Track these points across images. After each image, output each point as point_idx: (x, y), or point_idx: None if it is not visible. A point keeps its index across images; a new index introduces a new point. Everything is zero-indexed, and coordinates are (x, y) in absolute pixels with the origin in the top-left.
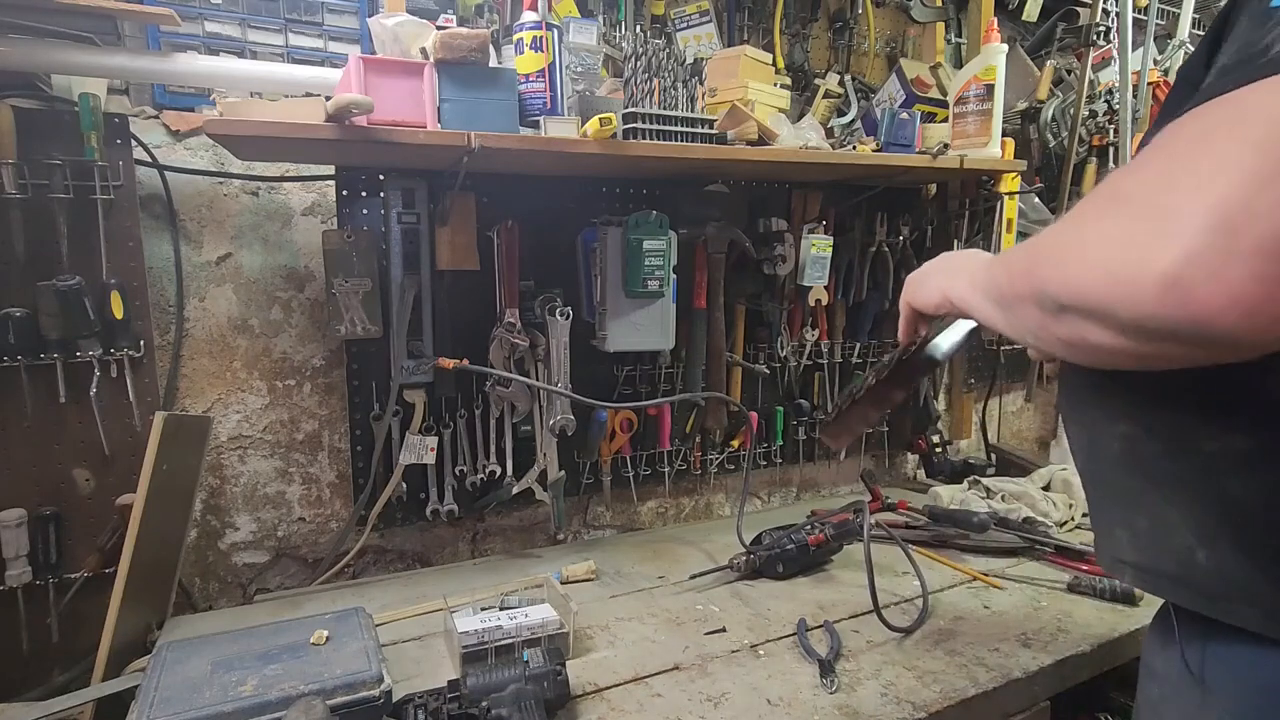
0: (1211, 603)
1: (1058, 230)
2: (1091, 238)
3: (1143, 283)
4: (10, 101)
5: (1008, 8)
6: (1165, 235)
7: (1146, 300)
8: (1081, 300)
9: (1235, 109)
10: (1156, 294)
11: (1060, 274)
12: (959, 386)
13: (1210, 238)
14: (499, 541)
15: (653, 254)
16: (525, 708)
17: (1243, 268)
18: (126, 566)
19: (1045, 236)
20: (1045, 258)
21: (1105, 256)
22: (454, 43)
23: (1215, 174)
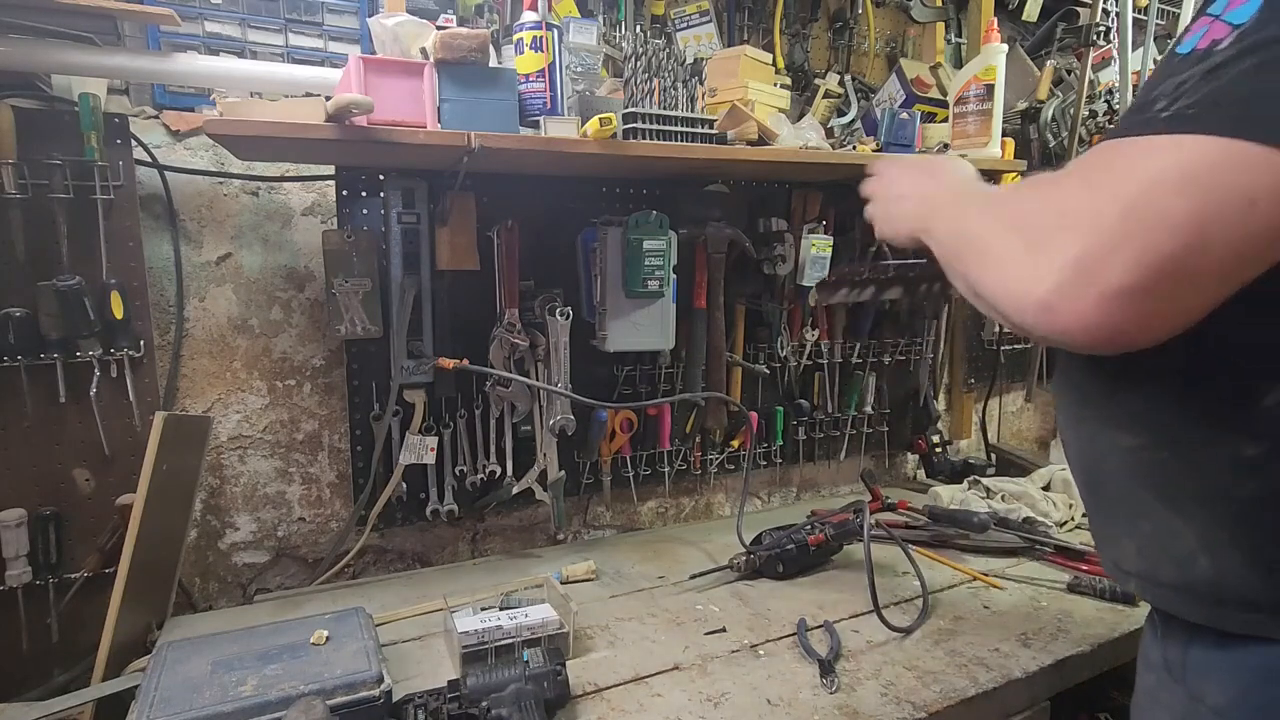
0: (1210, 609)
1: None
2: (995, 256)
3: (1026, 304)
4: (10, 101)
5: (1008, 8)
6: (1043, 271)
7: (1027, 316)
8: (987, 299)
9: (1119, 165)
10: (1034, 313)
11: (975, 274)
12: (959, 386)
13: (1073, 281)
14: (499, 541)
15: (653, 254)
16: (525, 708)
17: (1092, 306)
18: (126, 566)
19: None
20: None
21: (1003, 276)
22: (454, 43)
23: (1087, 227)
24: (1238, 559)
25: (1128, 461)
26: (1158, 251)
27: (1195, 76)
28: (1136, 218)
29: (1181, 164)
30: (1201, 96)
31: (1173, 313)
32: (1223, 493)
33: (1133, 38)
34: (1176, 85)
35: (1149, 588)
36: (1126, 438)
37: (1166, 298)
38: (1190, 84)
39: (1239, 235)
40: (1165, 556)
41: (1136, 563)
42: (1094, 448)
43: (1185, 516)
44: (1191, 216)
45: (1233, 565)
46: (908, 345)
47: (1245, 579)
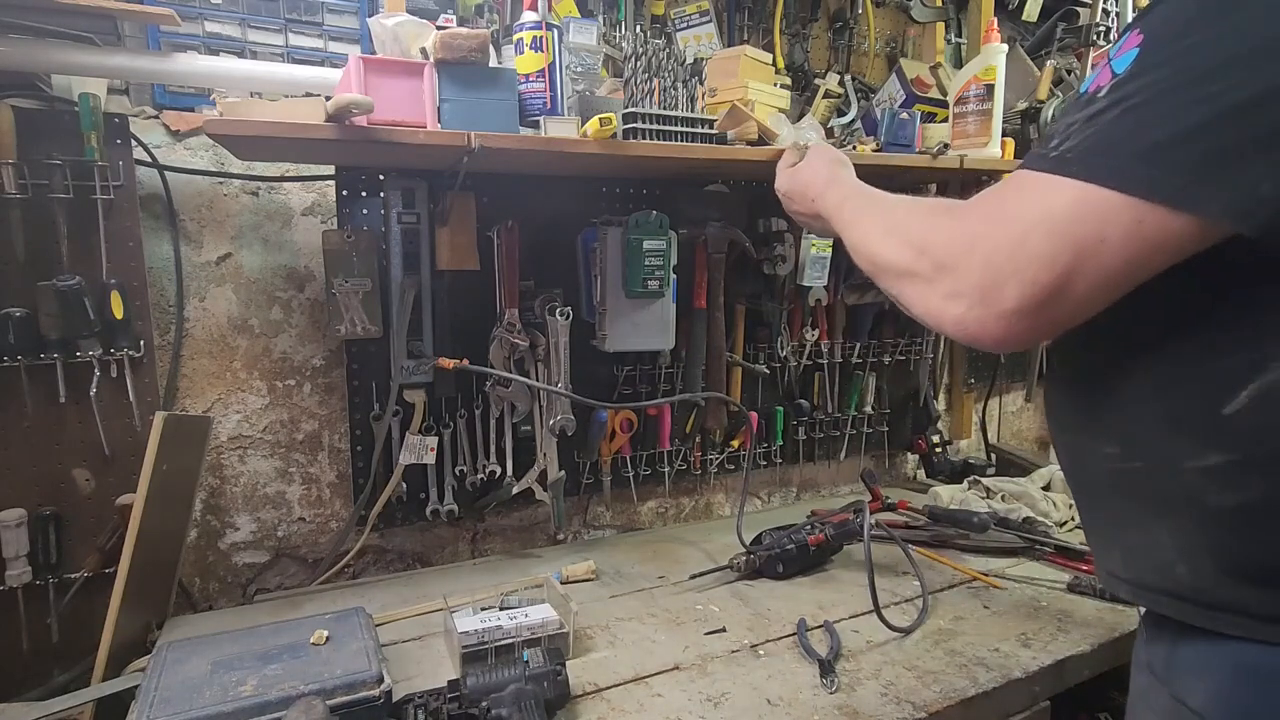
0: (1194, 611)
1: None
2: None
3: (944, 321)
4: (10, 101)
5: (1008, 8)
6: (954, 295)
7: (946, 329)
8: (909, 309)
9: (1014, 204)
10: (952, 327)
11: (892, 289)
12: (959, 386)
13: (979, 303)
14: (499, 541)
15: (653, 254)
16: (525, 708)
17: (993, 322)
18: (126, 566)
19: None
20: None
21: (919, 296)
22: (454, 43)
23: (989, 257)
24: (1213, 566)
25: (1109, 470)
26: (1035, 283)
27: (1080, 120)
28: (1022, 254)
29: (1056, 208)
30: (1078, 142)
31: (1055, 322)
32: (1194, 502)
33: None
34: (1067, 126)
35: (1138, 592)
36: (1107, 447)
37: (1048, 314)
38: (1075, 127)
39: (1095, 268)
40: (1149, 564)
41: (1125, 569)
42: (1080, 457)
43: (1162, 525)
44: (1058, 255)
45: (1210, 572)
46: (908, 345)
47: (1223, 584)
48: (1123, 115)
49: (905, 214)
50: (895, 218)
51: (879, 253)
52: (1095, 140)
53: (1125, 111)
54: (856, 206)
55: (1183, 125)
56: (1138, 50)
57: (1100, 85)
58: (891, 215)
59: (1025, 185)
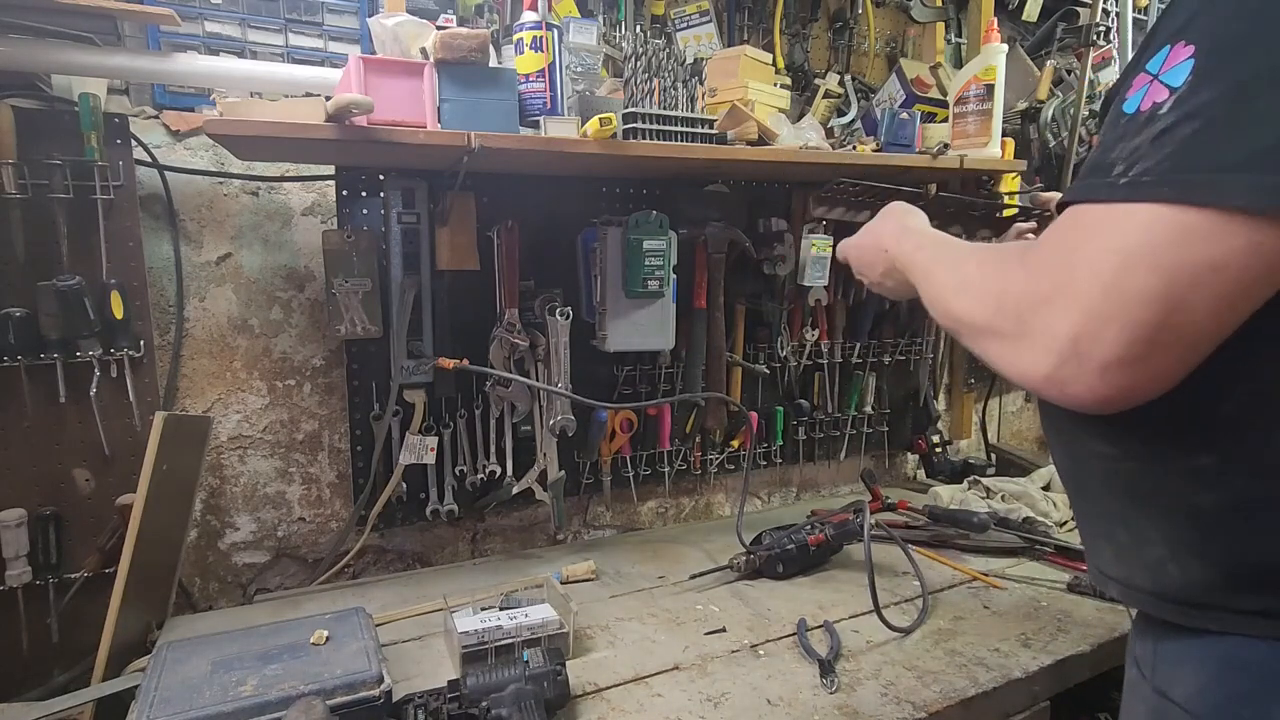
0: (1182, 611)
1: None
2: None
3: (1033, 379)
4: (10, 101)
5: (1008, 8)
6: (1041, 351)
7: (1036, 387)
8: (994, 366)
9: (1091, 241)
10: (1042, 385)
11: (975, 348)
12: (959, 386)
13: (1072, 358)
14: (499, 541)
15: (653, 254)
16: (525, 708)
17: (1094, 378)
18: (126, 566)
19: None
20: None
21: (1006, 353)
22: (454, 43)
23: (1077, 305)
24: (1201, 566)
25: (1103, 470)
26: (1140, 325)
27: (1145, 141)
28: (1117, 297)
29: (1149, 240)
30: (1155, 164)
31: (1165, 372)
32: (1184, 502)
33: (1133, 38)
34: (1131, 150)
35: (1127, 592)
36: (1101, 446)
37: (1156, 361)
38: (1143, 149)
39: (1211, 299)
40: (1139, 563)
41: (1115, 568)
42: (1074, 456)
43: (1153, 525)
44: (1165, 291)
45: (1198, 572)
46: (908, 345)
47: (1211, 584)
48: (1208, 128)
49: (978, 264)
50: (968, 269)
51: (955, 308)
52: (1181, 158)
53: (1209, 124)
54: (931, 256)
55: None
56: (1193, 61)
57: (1157, 102)
58: (965, 266)
59: (1101, 219)
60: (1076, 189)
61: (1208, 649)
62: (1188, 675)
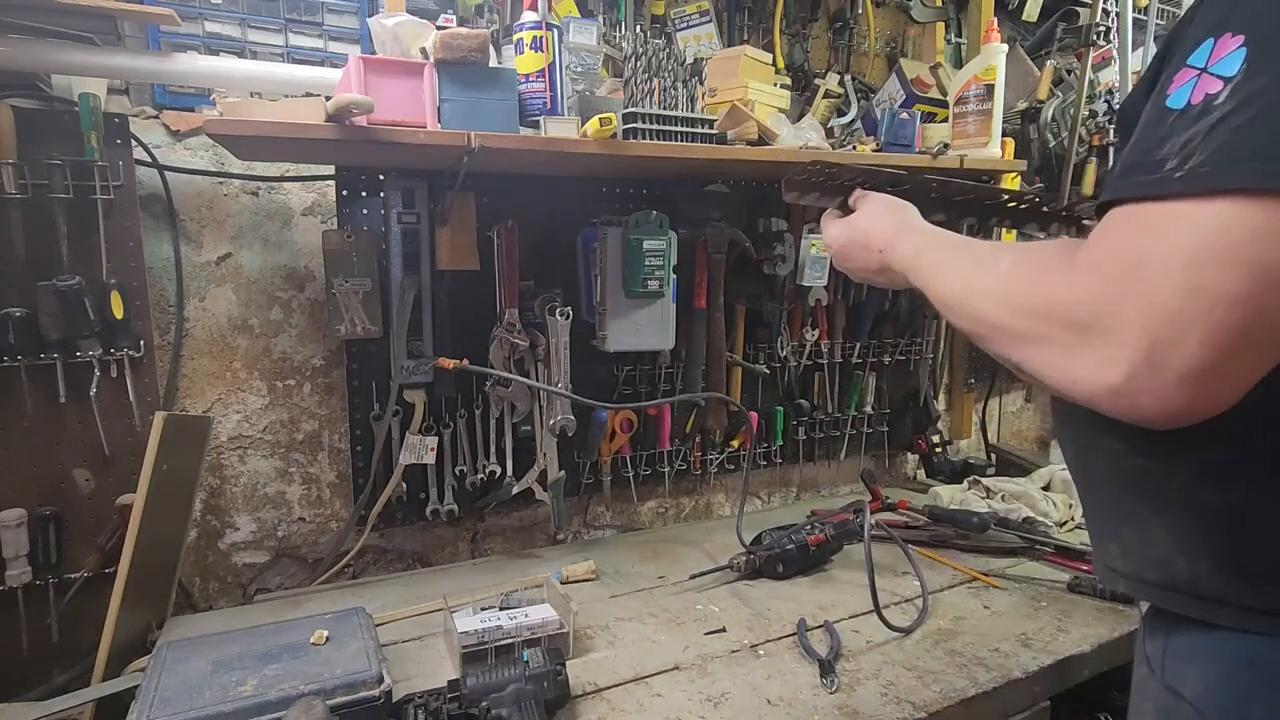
0: (1192, 604)
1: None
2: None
3: (1096, 390)
4: (10, 101)
5: (1008, 8)
6: (1110, 359)
7: (1100, 400)
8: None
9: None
10: (1108, 398)
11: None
12: (959, 386)
13: (1147, 368)
14: (499, 541)
15: (653, 254)
16: (525, 708)
17: (1173, 389)
18: (126, 566)
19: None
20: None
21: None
22: (454, 43)
23: (1151, 308)
24: (1212, 561)
25: (1111, 466)
26: (1225, 329)
27: (1200, 133)
28: (1197, 298)
29: (1222, 233)
30: (1212, 153)
31: (1245, 378)
32: (1193, 499)
33: (1133, 38)
34: (1183, 144)
35: (1137, 585)
36: (1110, 443)
37: (1239, 367)
38: (1197, 141)
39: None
40: (1148, 558)
41: (1124, 563)
42: (1084, 452)
43: (1162, 521)
44: (1249, 286)
45: (1207, 568)
46: (908, 345)
47: (1221, 580)
48: (1266, 113)
49: (1014, 266)
50: (1000, 270)
51: (987, 313)
52: (1239, 147)
53: (1268, 108)
54: (939, 258)
55: None
56: (1245, 50)
57: (1210, 93)
58: (994, 267)
59: (1163, 216)
60: (1121, 187)
61: (1218, 646)
62: (1198, 672)
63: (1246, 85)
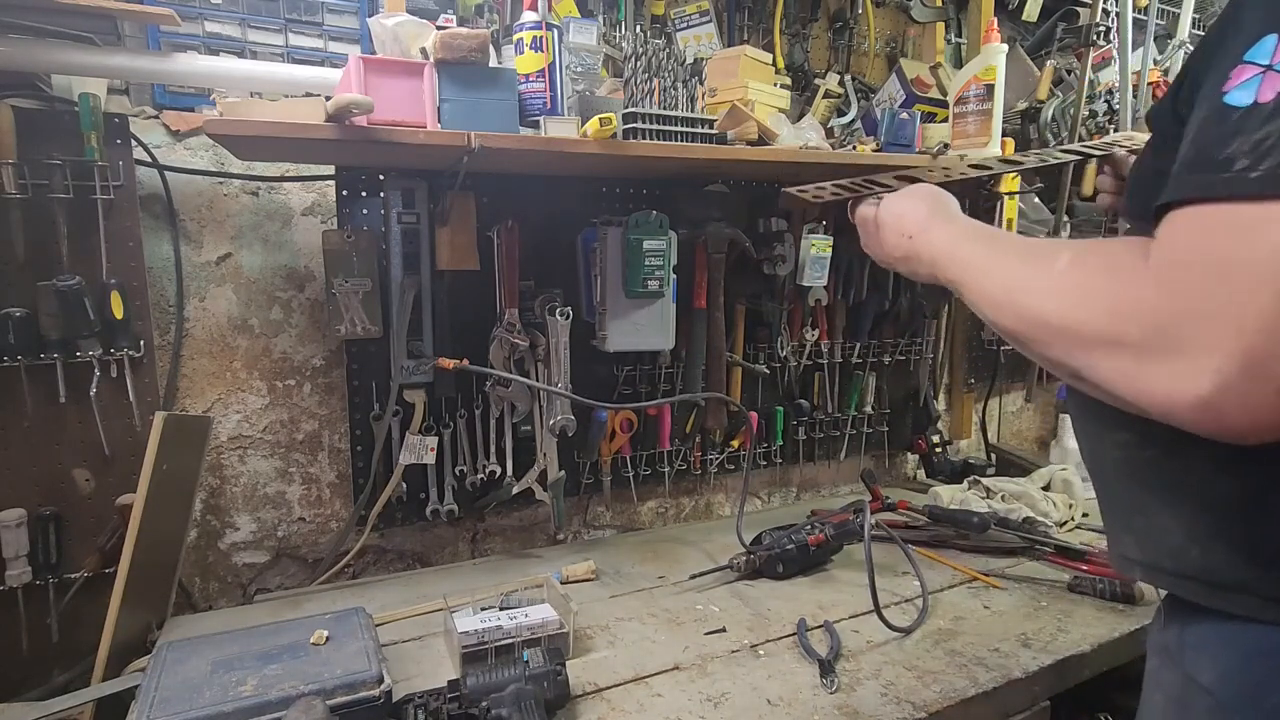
0: (1207, 591)
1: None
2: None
3: (1179, 403)
4: (10, 101)
5: (1008, 8)
6: (1195, 371)
7: (1180, 412)
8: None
9: (1238, 242)
10: (1193, 412)
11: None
12: (959, 386)
13: (1241, 376)
14: (499, 541)
15: (653, 254)
16: (525, 708)
17: (1268, 399)
18: (126, 566)
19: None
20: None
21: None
22: (454, 43)
23: (1244, 318)
24: (1225, 549)
25: (1123, 457)
26: None
27: (1275, 132)
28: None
29: None
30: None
31: None
32: (1206, 489)
33: (1133, 38)
34: (1255, 143)
35: (1152, 574)
36: (1121, 434)
37: None
38: (1272, 140)
39: None
40: (1163, 547)
41: (1139, 552)
42: (1097, 444)
43: (1174, 511)
44: None
45: (1222, 557)
46: (908, 345)
47: (1234, 567)
48: None
49: (1071, 262)
50: (1055, 267)
51: (1041, 313)
52: None
53: None
54: (980, 250)
55: None
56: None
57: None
58: (1048, 263)
59: (1247, 219)
60: (1184, 185)
61: (1236, 635)
62: (1216, 660)
63: None
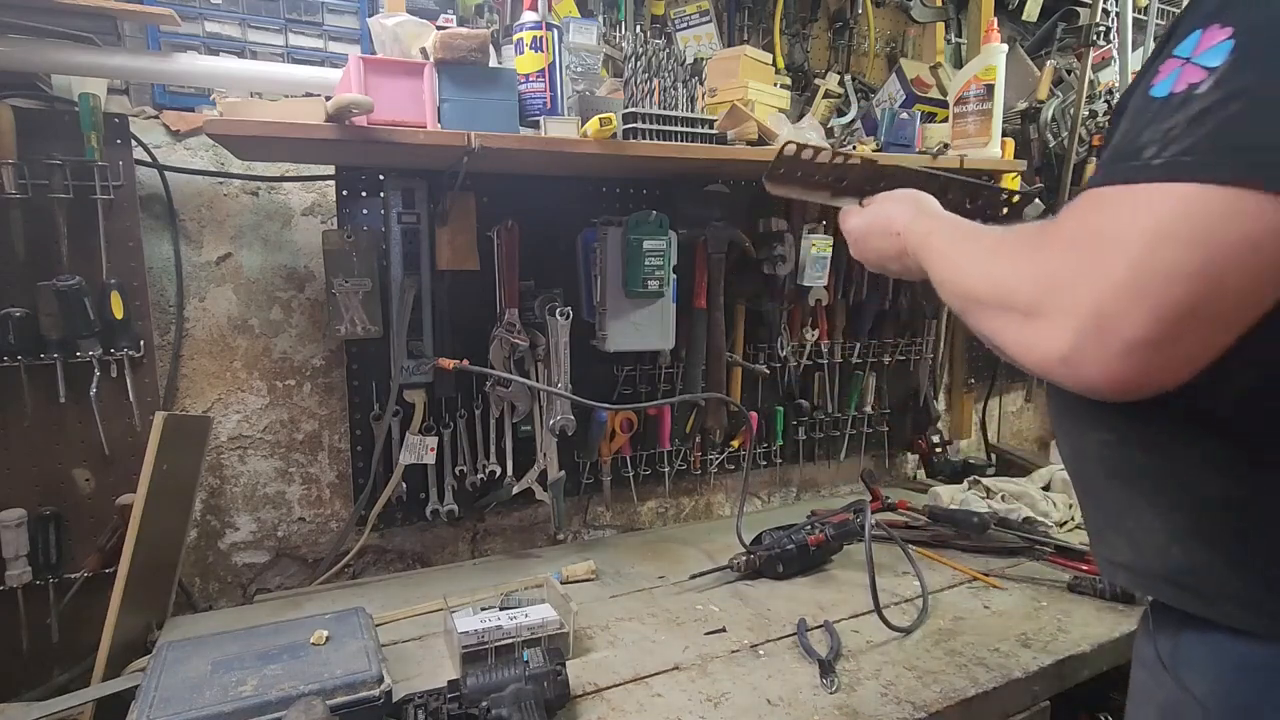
0: (1192, 598)
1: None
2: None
3: (1048, 358)
4: (10, 101)
5: (1008, 8)
6: (1059, 328)
7: (1050, 368)
8: (1002, 349)
9: (1119, 217)
10: (1057, 366)
11: (984, 327)
12: (959, 386)
13: (1093, 332)
14: (499, 541)
15: (653, 254)
16: (525, 708)
17: (1116, 358)
18: (126, 566)
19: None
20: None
21: (1020, 334)
22: (454, 43)
23: (1100, 280)
24: (1207, 554)
25: (1104, 457)
26: (1174, 303)
27: (1182, 122)
28: (1149, 272)
29: (1187, 215)
30: (1194, 143)
31: (1192, 356)
32: (1191, 491)
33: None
34: (1164, 132)
35: (1138, 578)
36: (1103, 434)
37: (1185, 344)
38: (1178, 129)
39: (1248, 279)
40: (1147, 549)
41: (1123, 555)
42: (1078, 444)
43: (1157, 512)
44: (1203, 266)
45: (1204, 560)
46: (908, 345)
47: (1217, 573)
48: (1251, 109)
49: (996, 241)
50: (984, 245)
51: (967, 285)
52: (1221, 138)
53: (1254, 105)
54: (948, 238)
55: None
56: (1232, 42)
57: (1193, 83)
58: (980, 243)
59: (1128, 198)
60: (1108, 172)
61: (1225, 647)
62: (1205, 673)
63: (1232, 79)
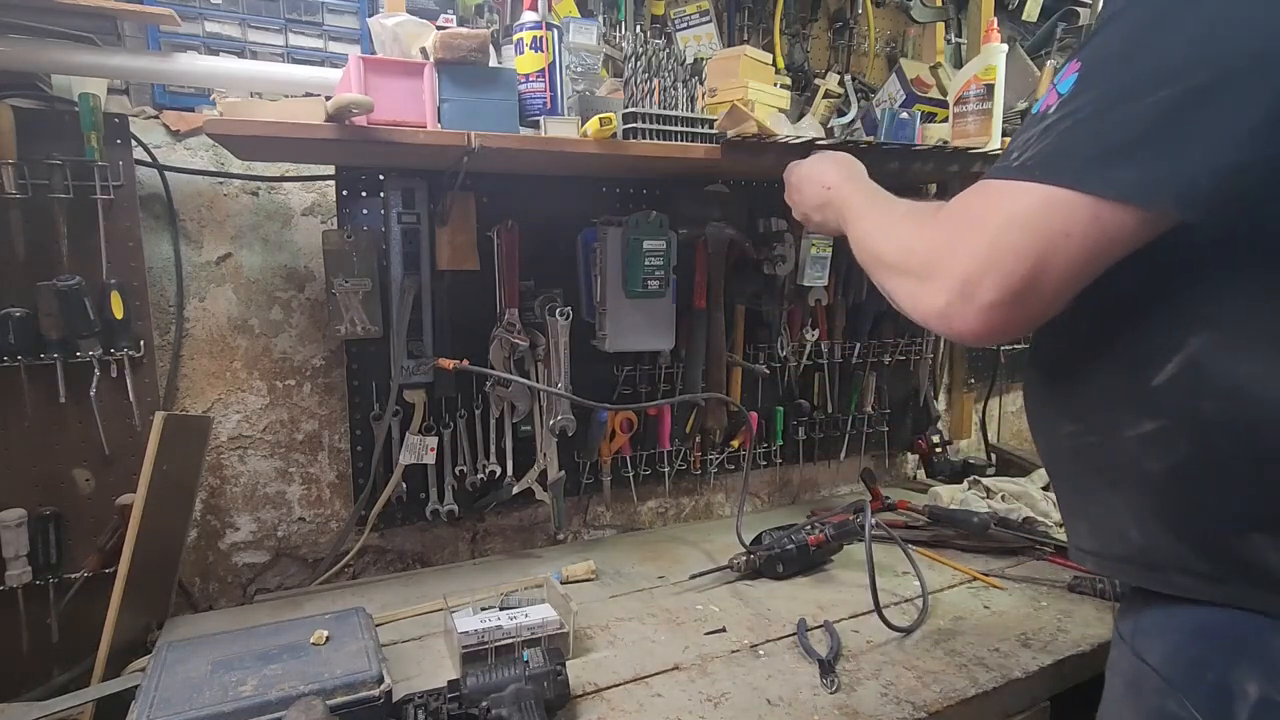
0: (1147, 573)
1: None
2: (902, 274)
3: (927, 313)
4: (10, 101)
5: (1008, 8)
6: (938, 290)
7: (930, 320)
8: (898, 305)
9: (986, 206)
10: (935, 319)
11: (885, 284)
12: (959, 386)
13: (960, 295)
14: (499, 541)
15: (653, 254)
16: (525, 708)
17: (974, 315)
18: (126, 566)
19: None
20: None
21: (911, 291)
22: (454, 43)
23: (967, 255)
24: (1159, 528)
25: (1070, 447)
26: (1012, 275)
27: (1035, 135)
28: (997, 250)
29: (1023, 208)
30: (1037, 152)
31: (1030, 315)
32: (1138, 469)
33: None
34: (1025, 141)
35: (1103, 561)
36: (1067, 425)
37: (1027, 306)
38: (1033, 140)
39: (1064, 259)
40: (1109, 532)
41: (1090, 541)
42: (1049, 437)
43: (1117, 494)
44: (1031, 248)
45: (1156, 534)
46: (908, 345)
47: (1168, 546)
48: (1074, 127)
49: (903, 214)
50: (894, 217)
51: (879, 248)
52: (1053, 149)
53: (1076, 124)
54: (867, 202)
55: (1126, 131)
56: (1078, 75)
57: (1049, 105)
58: (893, 212)
59: (995, 191)
60: (990, 169)
61: (1177, 616)
62: (1161, 641)
63: (1069, 104)
